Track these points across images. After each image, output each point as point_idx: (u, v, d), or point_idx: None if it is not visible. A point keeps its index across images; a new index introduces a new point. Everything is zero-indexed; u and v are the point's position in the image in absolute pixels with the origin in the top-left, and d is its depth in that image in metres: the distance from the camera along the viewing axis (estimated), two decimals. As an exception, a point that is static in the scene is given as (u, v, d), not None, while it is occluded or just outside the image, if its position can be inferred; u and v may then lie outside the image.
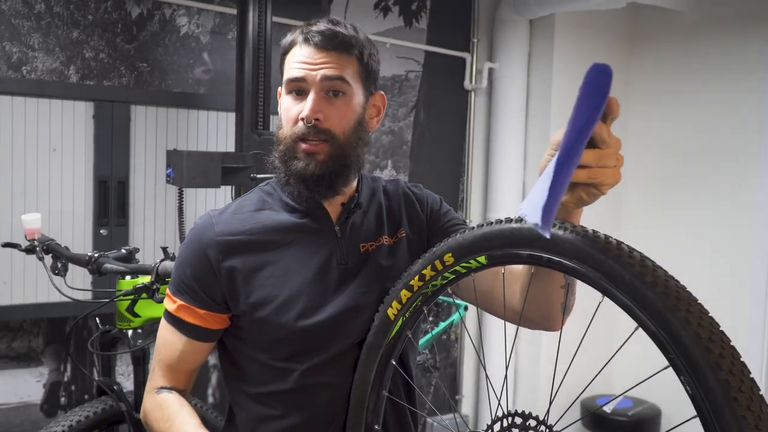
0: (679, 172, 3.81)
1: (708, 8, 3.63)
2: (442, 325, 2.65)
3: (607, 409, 3.70)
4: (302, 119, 1.22)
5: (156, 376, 1.32)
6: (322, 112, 1.22)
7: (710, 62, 3.65)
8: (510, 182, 3.89)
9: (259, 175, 2.47)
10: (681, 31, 3.78)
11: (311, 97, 1.22)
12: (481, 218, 4.03)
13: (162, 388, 1.31)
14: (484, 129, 4.01)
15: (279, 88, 1.33)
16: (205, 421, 1.98)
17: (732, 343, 0.77)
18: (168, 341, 1.29)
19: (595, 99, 0.80)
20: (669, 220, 3.83)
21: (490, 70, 3.90)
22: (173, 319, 1.28)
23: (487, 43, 3.94)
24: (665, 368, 0.81)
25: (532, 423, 0.99)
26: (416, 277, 1.14)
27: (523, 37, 3.83)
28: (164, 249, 1.79)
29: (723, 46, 3.60)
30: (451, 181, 3.94)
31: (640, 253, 0.85)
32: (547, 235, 0.82)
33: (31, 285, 2.68)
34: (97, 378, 2.02)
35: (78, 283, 2.56)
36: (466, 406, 4.05)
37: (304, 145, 1.24)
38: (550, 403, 1.00)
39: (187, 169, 2.39)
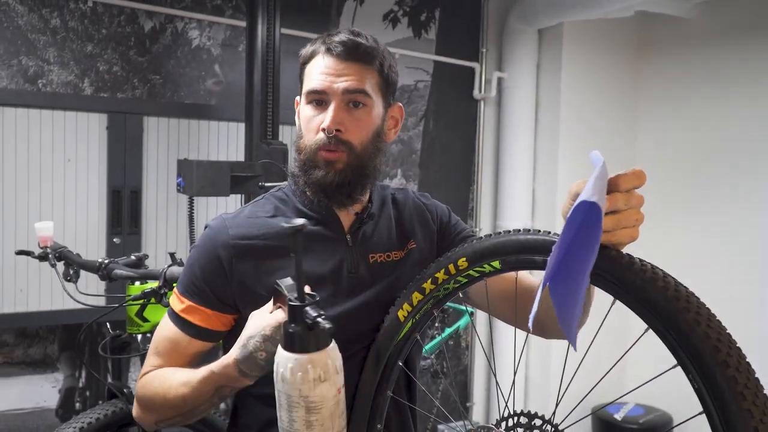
0: (688, 180, 3.81)
1: (716, 15, 3.64)
2: (449, 330, 2.67)
3: (618, 416, 3.69)
4: (323, 129, 1.25)
5: (148, 364, 1.32)
6: (343, 124, 1.25)
7: (719, 69, 3.66)
8: (519, 191, 3.91)
9: (267, 184, 2.52)
10: (689, 39, 3.79)
11: (332, 107, 1.24)
12: (490, 227, 4.05)
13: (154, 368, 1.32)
14: (493, 138, 4.04)
15: (297, 98, 1.35)
16: (212, 424, 2.02)
17: (738, 345, 0.81)
18: (169, 338, 1.29)
19: (584, 232, 0.85)
20: (679, 228, 3.83)
21: (499, 80, 3.94)
22: (178, 320, 1.29)
23: (496, 53, 3.98)
24: (674, 367, 0.85)
25: (538, 422, 1.02)
26: (429, 281, 1.17)
27: (531, 47, 3.86)
28: (172, 254, 1.83)
29: (731, 53, 3.60)
30: (461, 190, 3.96)
31: (651, 264, 0.90)
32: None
33: (47, 292, 2.74)
34: (107, 381, 2.07)
35: (92, 290, 2.62)
36: (477, 414, 4.06)
37: (324, 153, 1.26)
38: (557, 404, 1.02)
39: (197, 179, 2.44)
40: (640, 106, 4.05)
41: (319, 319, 0.97)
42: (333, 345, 1.01)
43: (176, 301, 1.31)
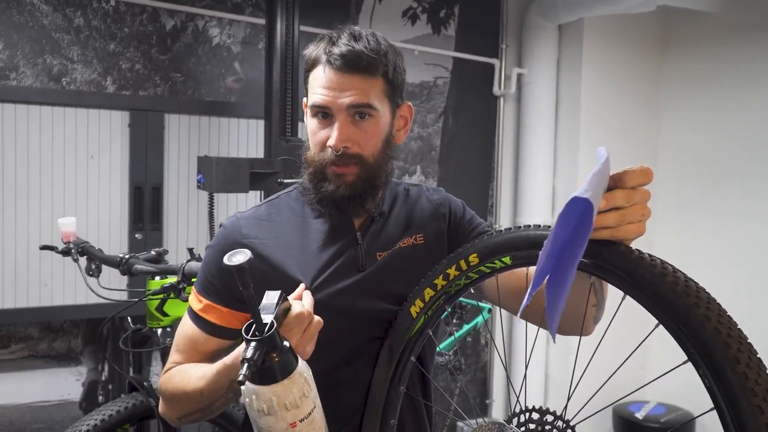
0: (711, 179, 3.76)
1: (741, 10, 3.59)
2: (466, 327, 2.68)
3: (639, 415, 3.67)
4: (330, 147, 1.24)
5: (170, 361, 1.33)
6: (350, 139, 1.24)
7: (743, 66, 3.61)
8: (539, 188, 3.89)
9: (286, 180, 2.54)
10: (713, 34, 3.74)
11: (337, 125, 1.23)
12: (510, 224, 4.04)
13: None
14: (513, 134, 4.03)
15: (304, 99, 1.34)
16: (230, 418, 2.05)
17: (749, 341, 0.80)
18: (189, 335, 1.31)
19: (578, 229, 0.85)
20: (701, 226, 3.79)
21: (519, 76, 3.92)
22: (197, 318, 1.30)
23: (516, 49, 3.96)
24: (684, 362, 0.84)
25: (550, 418, 1.02)
26: (440, 277, 1.17)
27: (551, 43, 3.84)
28: (190, 250, 1.86)
29: (756, 49, 3.55)
30: (481, 187, 3.96)
31: (661, 259, 0.89)
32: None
33: (70, 287, 2.79)
34: (128, 375, 2.10)
35: (115, 285, 2.66)
36: (497, 411, 4.06)
37: (333, 168, 1.26)
38: (568, 399, 1.02)
39: (216, 175, 2.46)
40: (663, 103, 4.01)
41: (266, 359, 0.97)
42: (286, 382, 0.98)
43: (194, 299, 1.33)
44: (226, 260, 0.96)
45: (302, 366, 1.02)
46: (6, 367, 2.77)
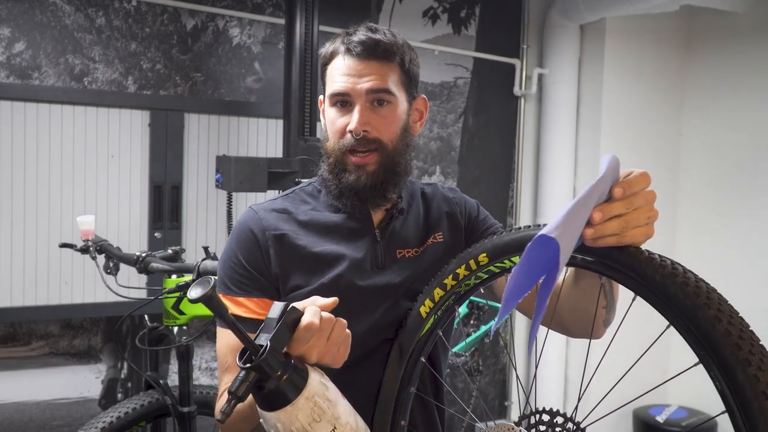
0: (735, 179, 3.71)
1: (765, 10, 3.53)
2: (484, 328, 2.66)
3: (660, 419, 3.63)
4: (350, 131, 1.25)
5: (222, 384, 1.25)
6: (369, 123, 1.24)
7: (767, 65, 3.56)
8: (560, 188, 3.86)
9: (303, 180, 2.54)
10: (736, 34, 3.69)
11: (357, 109, 1.24)
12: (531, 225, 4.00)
13: None
14: (533, 135, 4.00)
15: (320, 97, 1.35)
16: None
17: (761, 343, 0.79)
18: (232, 345, 1.20)
19: (547, 267, 0.85)
20: (725, 226, 3.73)
21: (540, 76, 3.89)
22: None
23: (537, 49, 3.94)
24: (695, 365, 0.83)
25: (560, 420, 1.00)
26: (450, 276, 1.16)
27: (573, 43, 3.81)
28: (205, 248, 1.87)
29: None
30: (501, 188, 3.94)
31: (671, 260, 0.88)
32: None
33: (90, 285, 2.81)
34: (144, 373, 2.11)
35: (134, 284, 2.68)
36: (516, 412, 4.03)
37: (354, 158, 1.26)
38: (579, 400, 1.01)
39: (235, 174, 2.47)
40: (686, 103, 3.95)
41: (264, 384, 0.89)
42: (289, 408, 0.89)
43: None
44: (191, 295, 0.86)
45: (313, 388, 0.92)
46: (27, 365, 2.80)
